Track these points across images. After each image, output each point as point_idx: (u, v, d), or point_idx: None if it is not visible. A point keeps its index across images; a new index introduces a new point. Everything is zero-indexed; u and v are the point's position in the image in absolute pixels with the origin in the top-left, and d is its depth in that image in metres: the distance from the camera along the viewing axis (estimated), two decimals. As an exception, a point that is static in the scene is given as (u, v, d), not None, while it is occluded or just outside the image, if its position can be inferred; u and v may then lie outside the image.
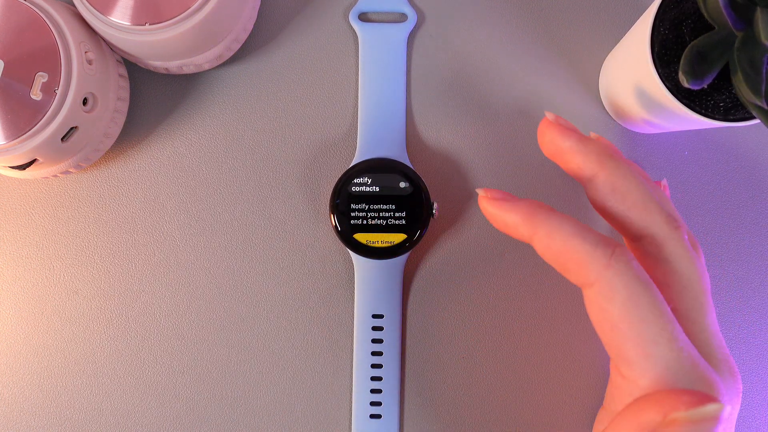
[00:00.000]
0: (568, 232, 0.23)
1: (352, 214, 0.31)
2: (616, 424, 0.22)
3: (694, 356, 0.22)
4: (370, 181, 0.32)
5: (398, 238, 0.32)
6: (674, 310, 0.24)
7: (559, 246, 0.23)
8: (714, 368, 0.23)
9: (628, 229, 0.25)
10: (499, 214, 0.25)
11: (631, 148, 0.34)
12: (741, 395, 0.24)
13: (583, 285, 0.23)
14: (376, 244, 0.32)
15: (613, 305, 0.22)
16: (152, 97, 0.34)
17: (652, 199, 0.24)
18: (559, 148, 0.26)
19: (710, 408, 0.19)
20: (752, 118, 0.27)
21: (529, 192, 0.34)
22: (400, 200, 0.31)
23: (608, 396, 0.29)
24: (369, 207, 0.32)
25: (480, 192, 0.26)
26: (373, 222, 0.32)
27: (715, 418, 0.19)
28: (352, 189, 0.32)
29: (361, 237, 0.32)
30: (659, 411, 0.20)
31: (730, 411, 0.21)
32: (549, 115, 0.26)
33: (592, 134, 0.28)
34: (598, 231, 0.24)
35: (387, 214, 0.32)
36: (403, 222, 0.31)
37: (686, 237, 0.24)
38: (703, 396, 0.20)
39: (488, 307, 0.34)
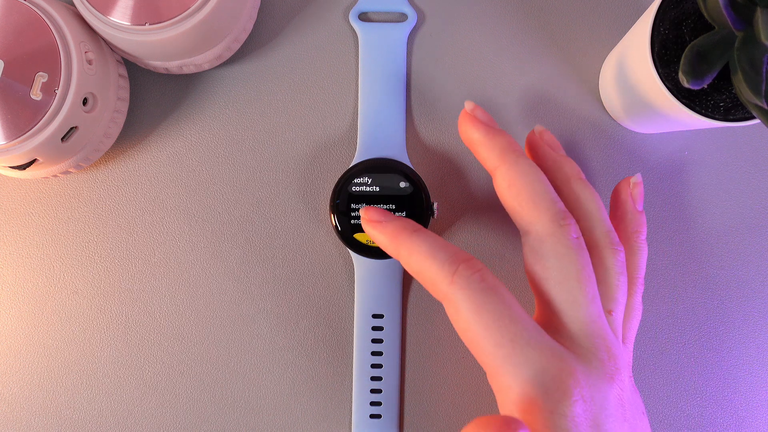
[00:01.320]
0: (423, 251, 0.26)
1: (353, 214, 0.31)
2: None
3: (542, 349, 0.24)
4: (370, 181, 0.32)
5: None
6: (548, 303, 0.26)
7: (415, 266, 0.26)
8: (581, 356, 0.25)
9: (518, 223, 0.27)
10: (373, 234, 0.28)
11: (631, 148, 0.34)
12: (618, 372, 0.25)
13: (440, 300, 0.26)
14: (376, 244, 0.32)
15: (460, 317, 0.24)
16: (152, 97, 0.34)
17: (543, 197, 0.26)
18: (470, 138, 0.28)
19: None
20: (752, 118, 0.27)
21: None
22: (400, 200, 0.31)
23: None
24: None
25: (361, 212, 0.29)
26: None
27: None
28: (352, 189, 0.32)
29: (362, 237, 0.32)
30: None
31: (561, 422, 0.23)
32: (467, 105, 0.29)
33: (537, 127, 0.30)
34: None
35: (387, 214, 0.32)
36: None
37: (572, 234, 0.26)
38: (500, 427, 0.20)
39: (488, 307, 0.34)
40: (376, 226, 0.28)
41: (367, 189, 0.32)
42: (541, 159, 0.30)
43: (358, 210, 0.32)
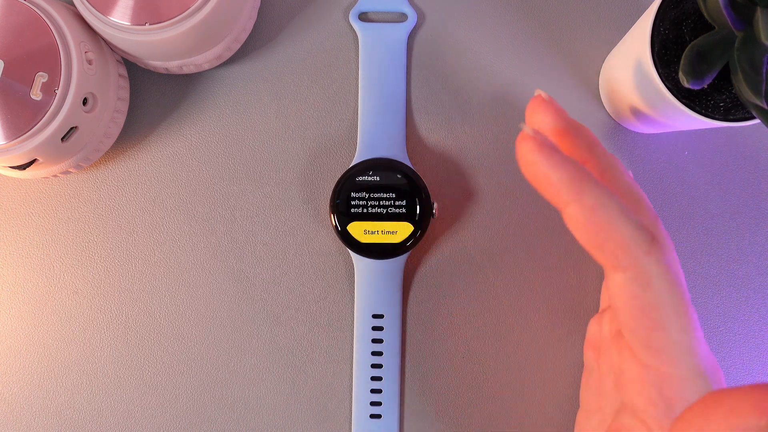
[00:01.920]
0: (615, 209, 0.22)
1: (352, 203, 0.32)
2: (690, 425, 0.20)
3: (707, 348, 0.23)
4: (370, 181, 0.32)
5: (398, 237, 0.32)
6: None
7: (601, 222, 0.22)
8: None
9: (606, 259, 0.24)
10: (545, 164, 0.22)
11: (631, 148, 0.34)
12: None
13: (615, 267, 0.22)
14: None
15: (648, 293, 0.22)
16: (152, 97, 0.34)
17: (643, 197, 0.25)
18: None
19: None
20: (752, 118, 0.27)
21: (528, 192, 0.34)
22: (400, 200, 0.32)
23: (589, 396, 0.29)
24: None
25: (526, 129, 0.23)
26: None
27: None
28: (353, 189, 0.32)
29: (356, 229, 0.32)
30: (759, 414, 0.18)
31: None
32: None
33: (541, 92, 0.26)
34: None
35: (387, 214, 0.32)
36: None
37: (666, 258, 0.23)
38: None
39: (488, 306, 0.34)
40: (552, 156, 0.22)
41: (368, 189, 0.32)
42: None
43: (358, 202, 0.32)
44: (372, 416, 0.33)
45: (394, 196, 0.32)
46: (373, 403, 0.33)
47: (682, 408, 0.23)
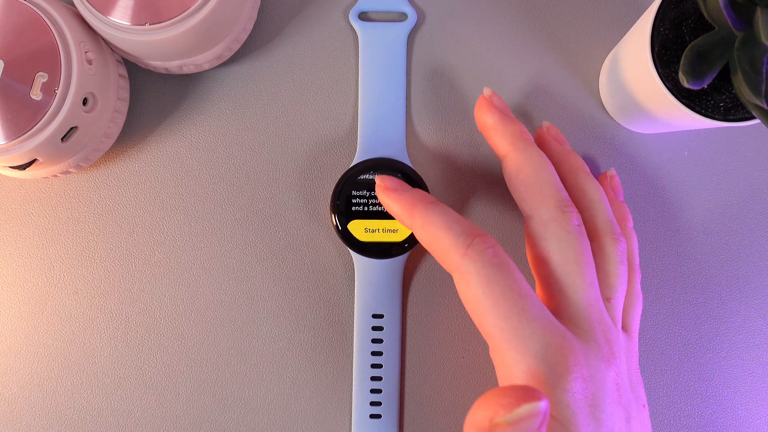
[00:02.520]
0: (438, 223, 0.26)
1: (353, 201, 0.32)
2: (469, 415, 0.23)
3: (546, 325, 0.24)
4: (370, 181, 0.32)
5: (399, 237, 0.32)
6: (548, 285, 0.27)
7: (429, 236, 0.27)
8: (580, 337, 0.25)
9: (523, 208, 0.28)
10: (387, 203, 0.29)
11: (631, 148, 0.34)
12: (617, 354, 0.26)
13: (450, 271, 0.26)
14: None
15: (470, 288, 0.25)
16: (152, 97, 0.34)
17: (549, 185, 0.27)
18: (484, 123, 0.30)
19: (524, 409, 0.20)
20: (752, 118, 0.27)
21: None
22: None
23: None
24: None
25: (377, 180, 0.30)
26: None
27: (533, 415, 0.20)
28: (353, 189, 0.32)
29: (356, 227, 0.32)
30: (486, 415, 0.21)
31: (562, 397, 0.23)
32: (486, 91, 0.30)
33: (545, 123, 0.33)
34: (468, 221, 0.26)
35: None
36: None
37: (574, 221, 0.27)
38: (521, 396, 0.21)
39: (488, 307, 0.34)
40: (391, 194, 0.29)
41: (368, 189, 0.32)
42: (548, 152, 0.31)
43: (359, 200, 0.32)
44: (372, 416, 0.33)
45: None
46: (373, 403, 0.33)
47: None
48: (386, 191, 0.29)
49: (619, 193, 0.33)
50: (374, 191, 0.32)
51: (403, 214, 0.28)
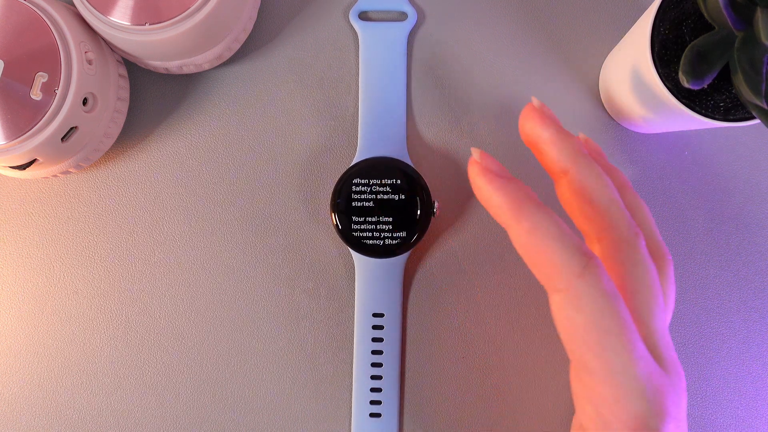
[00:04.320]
0: (550, 233, 0.23)
1: (353, 203, 0.32)
2: None
3: (650, 366, 0.23)
4: (370, 180, 0.32)
5: (399, 236, 0.32)
6: (633, 312, 0.25)
7: (537, 244, 0.23)
8: (663, 368, 0.24)
9: (585, 229, 0.26)
10: (487, 189, 0.24)
11: (631, 148, 0.34)
12: (686, 390, 0.25)
13: (551, 289, 0.24)
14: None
15: (580, 315, 0.23)
16: (152, 97, 0.34)
17: (617, 205, 0.25)
18: (539, 136, 0.26)
19: None
20: (752, 118, 0.27)
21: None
22: (401, 199, 0.31)
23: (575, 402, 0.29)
24: None
25: (474, 154, 0.25)
26: None
27: None
28: (353, 188, 0.32)
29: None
30: None
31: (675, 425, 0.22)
32: (535, 101, 0.26)
33: (581, 135, 0.29)
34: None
35: (387, 214, 0.32)
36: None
37: (643, 245, 0.25)
38: None
39: (488, 306, 0.34)
40: (495, 180, 0.24)
41: (368, 188, 0.32)
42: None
43: (359, 199, 0.32)
44: (372, 415, 0.33)
45: (394, 194, 0.32)
46: (373, 402, 0.33)
47: (618, 428, 0.23)
48: (488, 174, 0.24)
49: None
50: (374, 191, 0.32)
51: (506, 210, 0.24)
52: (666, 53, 0.27)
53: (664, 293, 0.26)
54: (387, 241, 0.32)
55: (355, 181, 0.32)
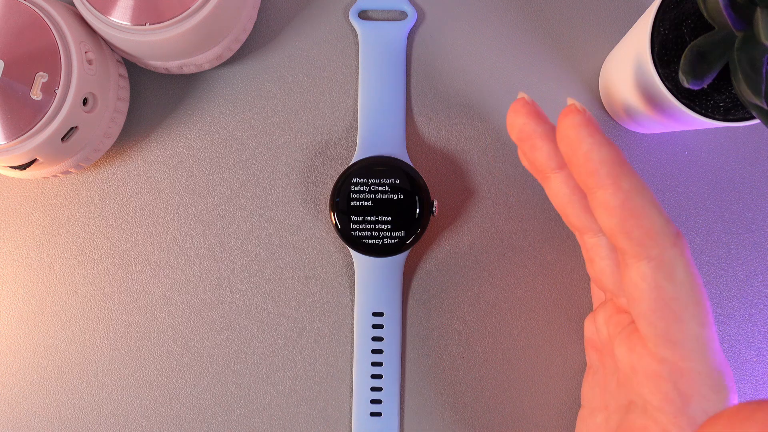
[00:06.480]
0: (649, 197, 0.22)
1: (352, 203, 0.32)
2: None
3: (721, 350, 0.23)
4: (370, 180, 0.32)
5: (399, 235, 0.32)
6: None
7: (635, 208, 0.22)
8: None
9: (575, 225, 0.26)
10: (588, 141, 0.22)
11: (631, 148, 0.34)
12: None
13: (639, 256, 0.22)
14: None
15: (672, 284, 0.22)
16: (152, 97, 0.34)
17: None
18: (533, 131, 0.25)
19: None
20: (752, 118, 0.27)
21: (529, 189, 0.34)
22: (400, 198, 0.32)
23: (594, 394, 0.29)
24: None
25: (575, 104, 0.23)
26: None
27: None
28: (352, 187, 0.32)
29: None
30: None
31: None
32: (524, 96, 0.25)
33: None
34: None
35: (387, 214, 0.32)
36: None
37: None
38: None
39: (488, 305, 0.34)
40: (598, 133, 0.22)
41: (367, 187, 0.32)
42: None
43: (358, 198, 0.32)
44: (372, 414, 0.33)
45: (393, 193, 0.32)
46: (373, 401, 0.33)
47: (699, 404, 0.22)
48: (593, 126, 0.22)
49: None
50: (373, 190, 0.32)
51: (609, 167, 0.22)
52: (666, 53, 0.27)
53: None
54: (386, 241, 0.32)
55: (354, 180, 0.32)
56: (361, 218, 0.32)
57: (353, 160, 0.33)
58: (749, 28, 0.23)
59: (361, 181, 0.32)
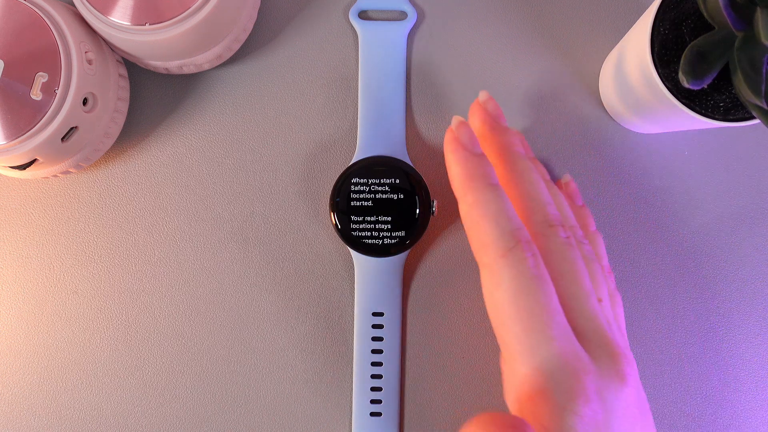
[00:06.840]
0: (488, 211, 0.25)
1: (352, 204, 0.32)
2: None
3: (565, 347, 0.24)
4: (369, 179, 0.32)
5: (398, 235, 0.32)
6: (558, 297, 0.25)
7: (472, 220, 0.25)
8: (591, 353, 0.25)
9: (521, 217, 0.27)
10: (449, 158, 0.26)
11: (631, 148, 0.34)
12: (629, 374, 0.25)
13: (479, 264, 0.25)
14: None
15: (498, 292, 0.24)
16: (152, 97, 0.34)
17: (539, 199, 0.27)
18: (479, 130, 0.28)
19: None
20: (752, 118, 0.27)
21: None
22: (400, 198, 0.32)
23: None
24: None
25: (453, 123, 0.27)
26: None
27: None
28: (352, 187, 0.32)
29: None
30: None
31: (570, 420, 0.23)
32: (481, 95, 0.29)
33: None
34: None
35: (387, 214, 0.32)
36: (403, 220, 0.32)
37: (561, 233, 0.26)
38: (511, 426, 0.21)
39: (488, 306, 0.34)
40: (459, 152, 0.26)
41: (367, 187, 0.32)
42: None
43: (358, 198, 0.32)
44: (372, 414, 0.33)
45: (393, 193, 0.32)
46: (373, 401, 0.33)
47: (524, 402, 0.24)
48: (454, 144, 0.26)
49: (577, 197, 0.33)
50: (373, 190, 0.32)
51: (459, 182, 0.26)
52: (666, 53, 0.27)
53: (601, 280, 0.27)
54: (386, 241, 0.32)
55: (354, 180, 0.32)
56: (361, 218, 0.32)
57: (353, 160, 0.33)
58: (749, 28, 0.23)
59: (361, 181, 0.32)
